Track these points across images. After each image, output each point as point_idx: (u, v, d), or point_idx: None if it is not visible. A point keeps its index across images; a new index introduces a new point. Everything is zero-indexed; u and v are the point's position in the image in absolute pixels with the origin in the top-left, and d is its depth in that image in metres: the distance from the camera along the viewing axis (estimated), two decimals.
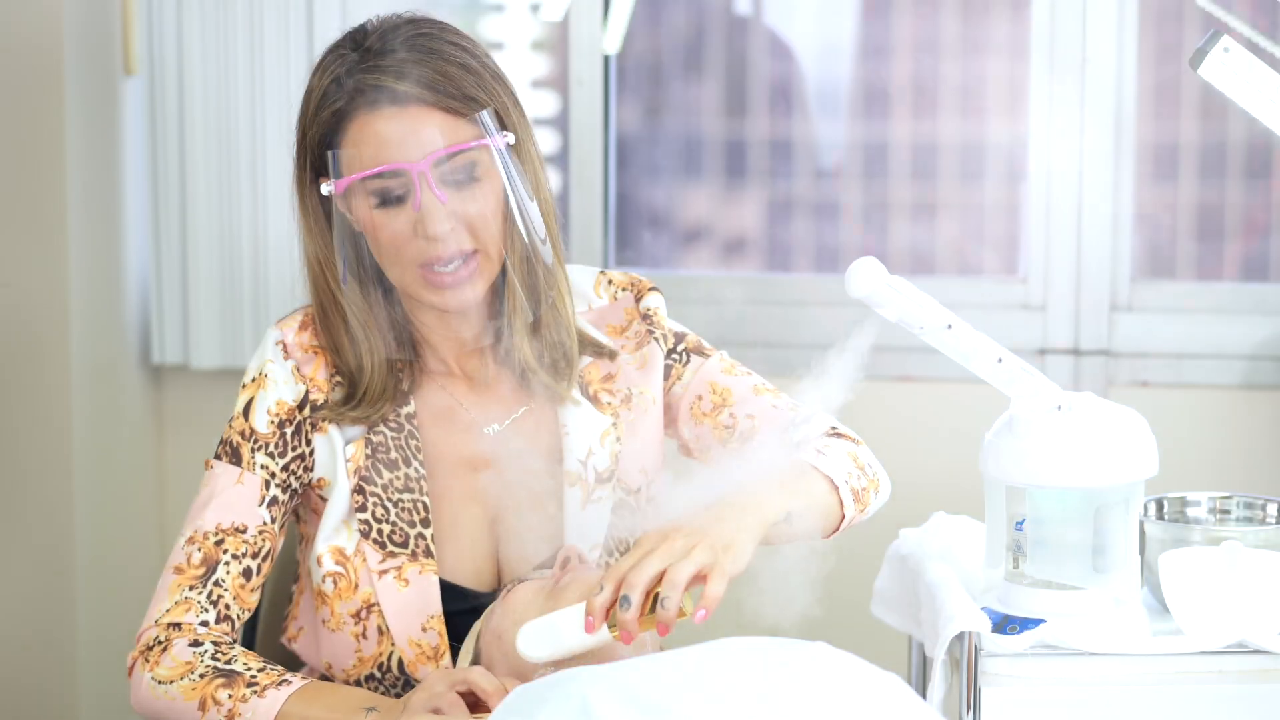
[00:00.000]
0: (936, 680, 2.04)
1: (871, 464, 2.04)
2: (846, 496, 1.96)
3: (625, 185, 3.38)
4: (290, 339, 2.07)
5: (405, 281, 2.00)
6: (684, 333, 2.15)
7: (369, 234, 1.99)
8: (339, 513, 2.05)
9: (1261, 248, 3.33)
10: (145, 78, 3.19)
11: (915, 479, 3.15)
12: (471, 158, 1.97)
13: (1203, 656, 2.02)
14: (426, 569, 2.03)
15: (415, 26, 2.00)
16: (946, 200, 3.37)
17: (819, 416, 2.06)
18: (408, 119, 1.95)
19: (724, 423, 2.10)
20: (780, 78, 3.42)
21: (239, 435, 2.05)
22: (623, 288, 2.15)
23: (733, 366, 2.13)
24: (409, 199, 1.95)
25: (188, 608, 2.00)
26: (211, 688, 1.94)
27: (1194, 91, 3.28)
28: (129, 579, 3.23)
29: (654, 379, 2.11)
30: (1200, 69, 2.26)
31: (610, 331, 2.12)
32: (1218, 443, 3.11)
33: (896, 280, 1.95)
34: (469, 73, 1.98)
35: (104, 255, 3.17)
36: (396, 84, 1.94)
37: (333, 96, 1.97)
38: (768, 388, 2.12)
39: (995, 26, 3.34)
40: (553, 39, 3.48)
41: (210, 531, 2.02)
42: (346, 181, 1.96)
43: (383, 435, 2.05)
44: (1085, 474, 2.02)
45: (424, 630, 2.03)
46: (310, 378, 2.06)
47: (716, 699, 1.62)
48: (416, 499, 2.04)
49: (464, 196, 1.96)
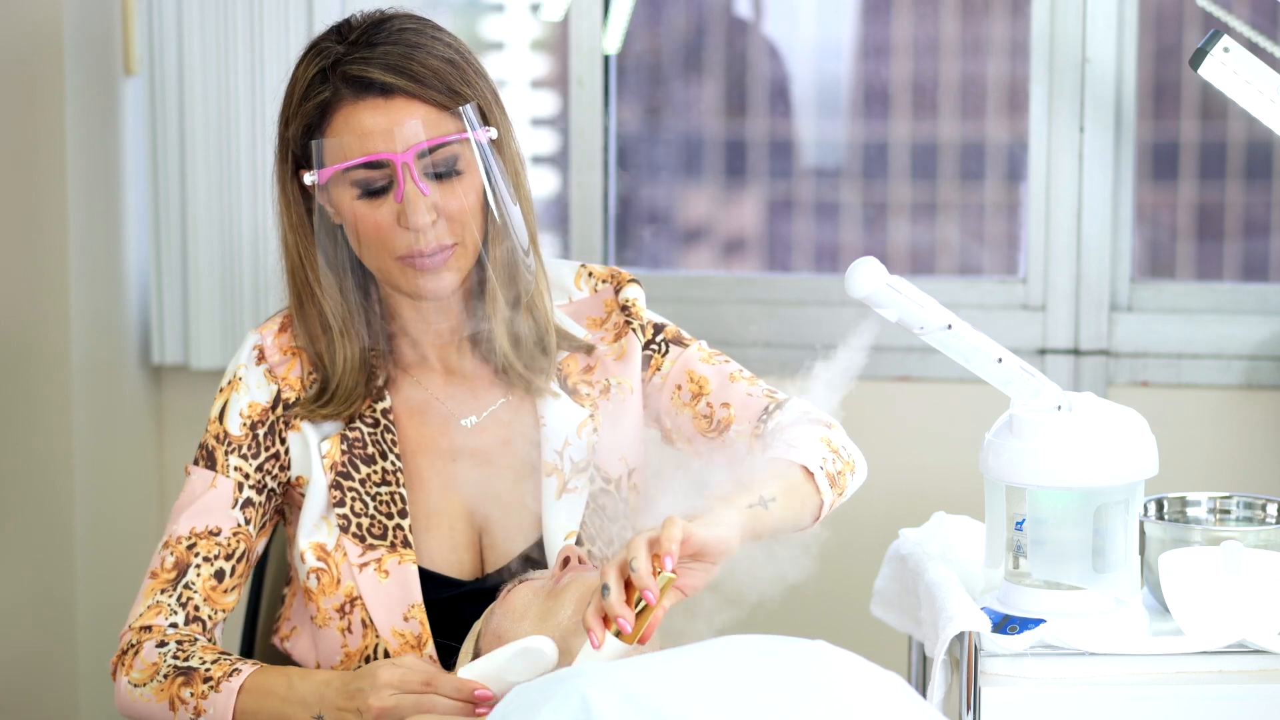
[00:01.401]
0: (936, 680, 2.04)
1: (846, 446, 2.05)
2: (823, 482, 1.97)
3: (625, 185, 3.38)
4: (269, 342, 2.11)
5: (384, 271, 2.02)
6: (663, 323, 2.16)
7: (350, 224, 2.01)
8: (317, 508, 2.08)
9: (1261, 248, 3.33)
10: (145, 78, 3.19)
11: (915, 479, 3.16)
12: (454, 151, 1.99)
13: (1203, 656, 2.02)
14: (405, 559, 2.06)
15: (400, 20, 2.03)
16: (946, 200, 3.37)
17: (793, 402, 2.07)
18: (392, 110, 1.97)
19: (702, 412, 2.11)
20: (780, 78, 3.42)
21: (214, 439, 2.09)
22: (602, 280, 2.17)
23: (711, 355, 2.15)
24: (391, 190, 1.98)
25: (158, 611, 2.05)
26: (175, 687, 1.99)
27: (1194, 91, 3.28)
28: (129, 579, 3.22)
29: (632, 369, 2.13)
30: (1200, 69, 2.26)
31: (590, 323, 2.14)
32: (1218, 443, 3.11)
33: (896, 280, 1.95)
34: (453, 67, 2.00)
35: (104, 255, 3.17)
36: (382, 76, 1.97)
37: (317, 87, 2.00)
38: (744, 375, 2.13)
39: (995, 26, 3.34)
40: (553, 39, 3.48)
41: (184, 536, 2.07)
42: (330, 171, 1.98)
43: (359, 431, 2.08)
44: (1085, 474, 2.02)
45: (406, 620, 2.06)
46: (284, 378, 2.09)
47: (716, 698, 1.62)
48: (393, 491, 2.07)
49: (445, 189, 1.99)
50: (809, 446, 1.98)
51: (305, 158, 2.01)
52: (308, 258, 2.05)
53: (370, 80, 1.97)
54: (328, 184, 2.00)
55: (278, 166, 2.05)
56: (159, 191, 3.20)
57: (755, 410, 2.08)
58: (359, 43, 2.00)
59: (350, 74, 1.98)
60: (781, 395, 2.10)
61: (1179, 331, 3.14)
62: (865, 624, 2.47)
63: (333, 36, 2.02)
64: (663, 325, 2.16)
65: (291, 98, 2.02)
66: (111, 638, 3.13)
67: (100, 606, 3.16)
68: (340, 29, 2.03)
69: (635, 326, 2.14)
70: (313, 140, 1.99)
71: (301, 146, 2.01)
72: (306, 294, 2.07)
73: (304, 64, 2.02)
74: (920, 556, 2.23)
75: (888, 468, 3.19)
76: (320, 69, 2.00)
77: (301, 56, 2.04)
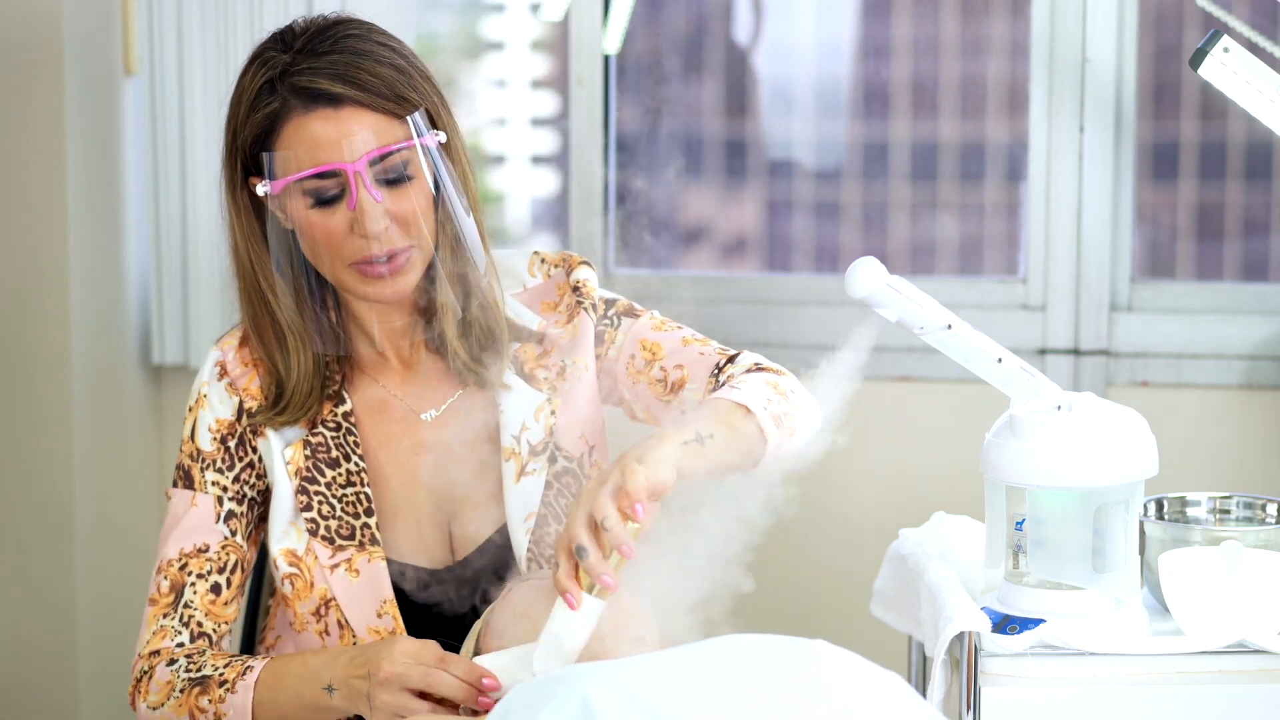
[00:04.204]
0: (936, 680, 2.04)
1: (795, 390, 2.05)
2: (766, 421, 1.96)
3: (625, 185, 3.38)
4: (230, 357, 2.14)
5: (339, 277, 2.04)
6: (614, 298, 2.18)
7: (303, 232, 2.03)
8: (284, 514, 2.10)
9: (1261, 248, 3.33)
10: (145, 78, 3.19)
11: (915, 479, 3.16)
12: (404, 156, 2.01)
13: (1203, 656, 2.02)
14: (375, 556, 2.08)
15: (344, 27, 2.04)
16: (946, 200, 3.37)
17: (744, 355, 2.09)
18: (342, 120, 1.98)
19: (656, 376, 2.13)
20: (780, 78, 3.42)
21: (189, 458, 2.12)
22: (555, 265, 2.19)
23: (663, 323, 2.16)
24: (344, 198, 1.99)
25: (164, 635, 2.08)
26: (192, 699, 2.02)
27: (1194, 91, 3.28)
28: (129, 579, 3.22)
29: (585, 348, 2.15)
30: (1200, 69, 2.26)
31: (545, 308, 2.16)
32: (1218, 443, 3.11)
33: (896, 280, 1.95)
34: (400, 73, 2.02)
35: (104, 255, 3.17)
36: (330, 86, 1.98)
37: (265, 98, 2.00)
38: (697, 338, 2.15)
39: (995, 26, 3.34)
40: (553, 39, 3.48)
41: (174, 559, 2.10)
42: (284, 182, 2.00)
43: (321, 435, 2.11)
44: (1085, 474, 2.02)
45: (379, 616, 2.08)
46: (245, 389, 2.12)
47: (717, 698, 1.62)
48: (359, 491, 2.09)
49: (398, 194, 2.01)
50: (752, 389, 1.99)
51: (256, 167, 2.03)
52: (260, 265, 2.08)
53: (319, 91, 1.98)
54: (281, 193, 2.01)
55: (226, 174, 2.06)
56: (159, 191, 3.20)
57: (708, 367, 2.10)
58: (305, 51, 2.00)
59: (299, 85, 1.99)
60: (733, 350, 2.11)
61: (1179, 331, 3.14)
62: (865, 624, 2.47)
63: (277, 45, 2.03)
64: (614, 300, 2.18)
65: (239, 107, 2.03)
66: (111, 637, 3.14)
67: (100, 606, 3.16)
68: (284, 36, 2.03)
69: (587, 306, 2.15)
70: (264, 152, 2.00)
71: (251, 156, 2.02)
72: (259, 301, 2.09)
73: (250, 73, 2.03)
74: (920, 556, 2.23)
75: (888, 468, 3.20)
76: (268, 79, 2.00)
77: (247, 65, 2.04)
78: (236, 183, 2.06)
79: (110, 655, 3.14)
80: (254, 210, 2.06)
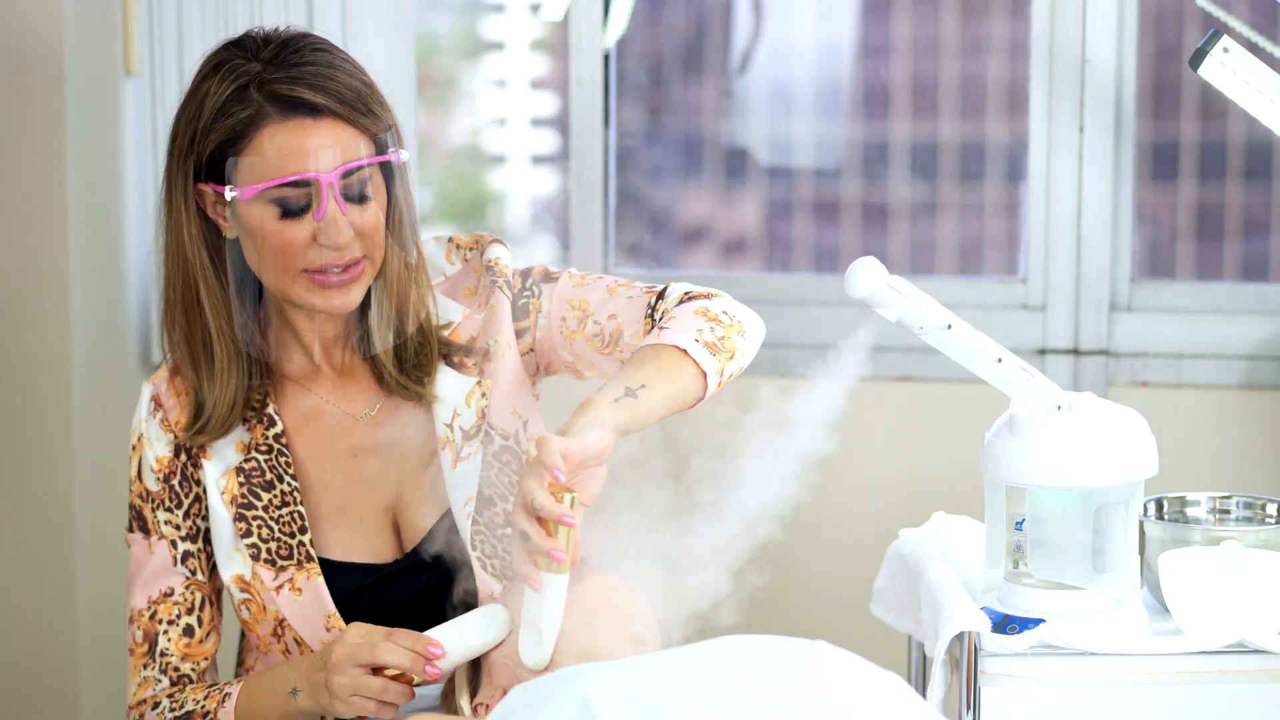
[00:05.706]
0: (936, 680, 2.04)
1: (728, 310, 2.05)
2: (700, 354, 1.97)
3: (625, 185, 3.38)
4: (163, 389, 2.15)
5: (286, 286, 2.04)
6: (529, 269, 2.18)
7: (256, 240, 2.03)
8: (226, 542, 2.12)
9: (1261, 248, 3.33)
10: (145, 78, 3.19)
11: (915, 479, 3.16)
12: (369, 172, 2.03)
13: (1203, 656, 2.03)
14: (312, 573, 2.10)
15: (310, 40, 2.05)
16: (946, 200, 3.37)
17: (672, 287, 2.09)
18: (321, 131, 1.99)
19: (592, 332, 2.13)
20: (780, 78, 3.42)
21: (139, 498, 2.15)
22: (469, 248, 2.19)
23: (583, 278, 2.16)
24: (310, 209, 2.00)
25: (147, 685, 2.13)
26: None
27: (1194, 91, 3.28)
28: None
29: (504, 326, 2.14)
30: (1200, 69, 2.26)
31: (466, 294, 2.17)
32: (1218, 443, 3.11)
33: (896, 280, 1.95)
34: (368, 89, 2.04)
35: (104, 255, 3.17)
36: (311, 96, 1.99)
37: (237, 104, 2.00)
38: (621, 284, 2.15)
39: (995, 26, 3.34)
40: (553, 39, 3.48)
41: (143, 608, 2.14)
42: (255, 189, 2.00)
43: (255, 460, 2.12)
44: (1085, 474, 2.02)
45: (328, 630, 2.10)
46: (176, 421, 2.13)
47: (717, 698, 1.62)
48: (293, 510, 2.11)
49: (361, 208, 2.03)
50: (681, 323, 1.99)
51: (213, 172, 2.02)
52: (200, 270, 2.07)
53: (300, 100, 1.99)
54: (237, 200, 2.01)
55: (175, 180, 2.06)
56: (159, 191, 3.20)
57: (640, 309, 2.10)
58: (277, 61, 2.01)
59: (279, 93, 1.99)
60: (660, 285, 2.11)
61: (1179, 331, 3.14)
62: (865, 624, 2.47)
63: (242, 53, 2.03)
64: (529, 270, 2.17)
65: (202, 112, 2.02)
66: (111, 637, 3.14)
67: (100, 606, 3.16)
68: (247, 45, 2.03)
69: (501, 284, 2.15)
70: (231, 157, 2.00)
71: (211, 161, 2.02)
72: (193, 309, 2.09)
73: (217, 79, 2.02)
74: (920, 556, 2.23)
75: (888, 468, 3.20)
76: (239, 85, 2.00)
77: (209, 71, 2.03)
78: (187, 188, 2.05)
79: (110, 655, 3.14)
80: (199, 215, 2.06)
